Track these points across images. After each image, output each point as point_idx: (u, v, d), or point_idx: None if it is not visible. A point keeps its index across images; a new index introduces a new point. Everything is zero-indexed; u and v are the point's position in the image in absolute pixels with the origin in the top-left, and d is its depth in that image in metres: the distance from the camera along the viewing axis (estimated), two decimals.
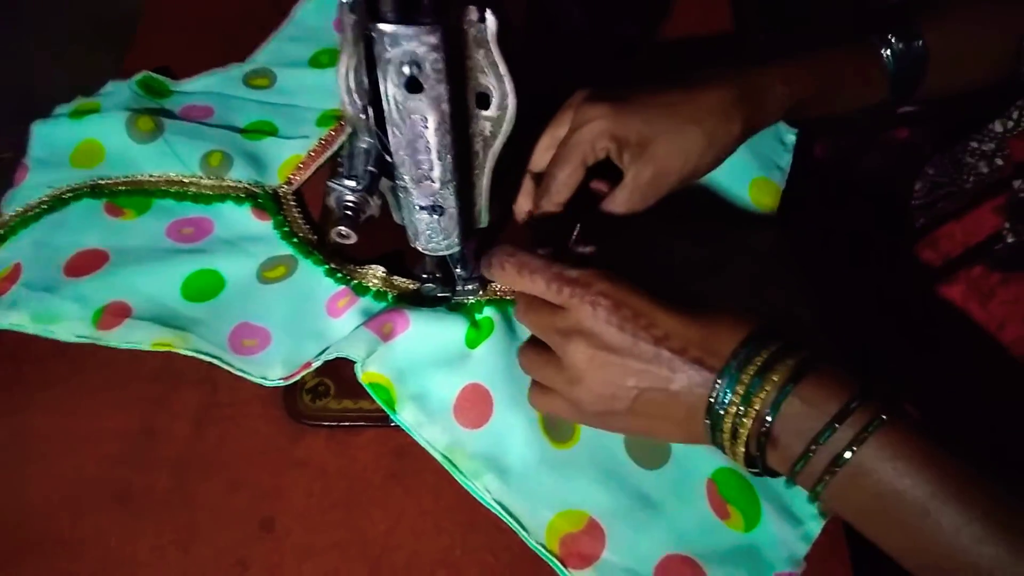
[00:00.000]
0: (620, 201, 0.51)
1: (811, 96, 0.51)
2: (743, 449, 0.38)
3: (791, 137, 0.63)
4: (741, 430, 0.38)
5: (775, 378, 0.37)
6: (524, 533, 0.45)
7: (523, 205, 0.54)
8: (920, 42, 0.52)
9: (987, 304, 0.51)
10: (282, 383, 0.50)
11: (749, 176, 0.60)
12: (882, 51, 0.52)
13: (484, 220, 0.50)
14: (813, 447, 0.36)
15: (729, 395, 0.38)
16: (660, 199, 0.52)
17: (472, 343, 0.51)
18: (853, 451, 0.35)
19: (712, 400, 0.38)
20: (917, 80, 0.53)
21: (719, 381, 0.38)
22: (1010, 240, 0.49)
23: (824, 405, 0.36)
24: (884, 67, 0.53)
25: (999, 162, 0.56)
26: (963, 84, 0.55)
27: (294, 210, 0.59)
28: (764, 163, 0.61)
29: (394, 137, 0.42)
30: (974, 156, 0.57)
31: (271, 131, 0.64)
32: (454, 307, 0.53)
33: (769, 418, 0.37)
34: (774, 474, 0.39)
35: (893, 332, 0.60)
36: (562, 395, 0.43)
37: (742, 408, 0.37)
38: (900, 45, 0.52)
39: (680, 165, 0.49)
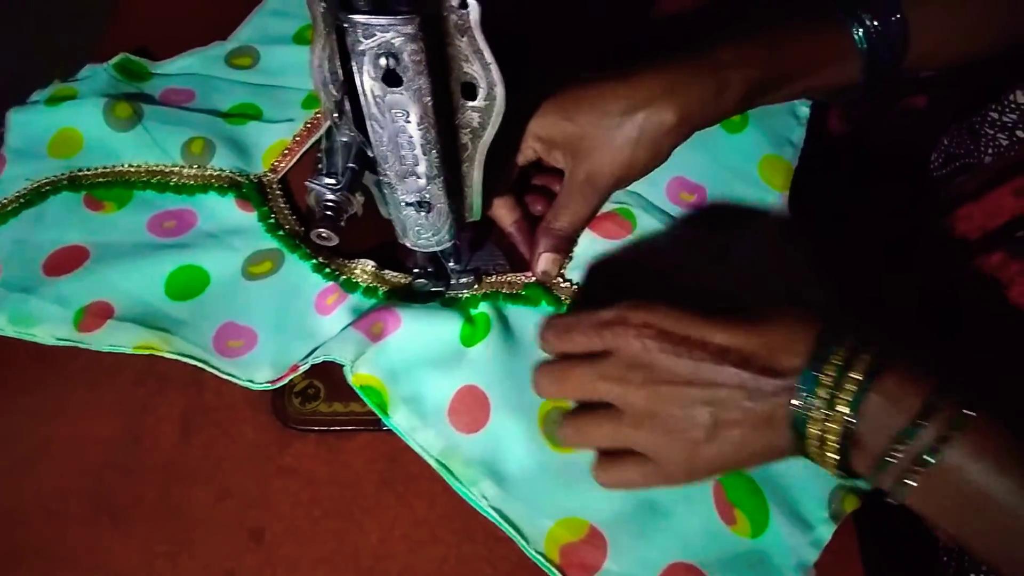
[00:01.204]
0: (562, 206, 0.50)
1: (771, 79, 0.48)
2: (834, 455, 0.36)
3: (805, 110, 0.60)
4: (829, 436, 0.36)
5: (855, 376, 0.35)
6: (523, 542, 0.44)
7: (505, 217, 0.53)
8: (898, 17, 0.48)
9: (1006, 294, 0.48)
10: (269, 386, 0.48)
11: (759, 154, 0.57)
12: (852, 29, 0.48)
13: (477, 214, 0.47)
14: (899, 447, 0.34)
15: (811, 400, 0.35)
16: (604, 200, 0.50)
17: (467, 341, 0.49)
18: (939, 450, 0.34)
19: (795, 407, 0.36)
20: (894, 59, 0.49)
21: (801, 388, 0.36)
22: None
23: (906, 401, 0.35)
24: (855, 49, 0.48)
25: (1020, 134, 0.52)
26: (947, 60, 0.51)
27: (280, 200, 0.56)
28: (775, 139, 0.58)
29: (374, 132, 0.39)
30: (993, 127, 0.54)
31: (255, 114, 0.61)
32: (448, 302, 0.51)
33: (852, 420, 0.35)
34: (856, 476, 0.37)
35: (915, 314, 0.57)
36: (635, 451, 0.40)
37: (827, 412, 0.35)
38: (874, 22, 0.48)
39: (612, 161, 0.47)
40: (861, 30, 0.48)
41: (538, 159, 0.51)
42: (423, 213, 0.44)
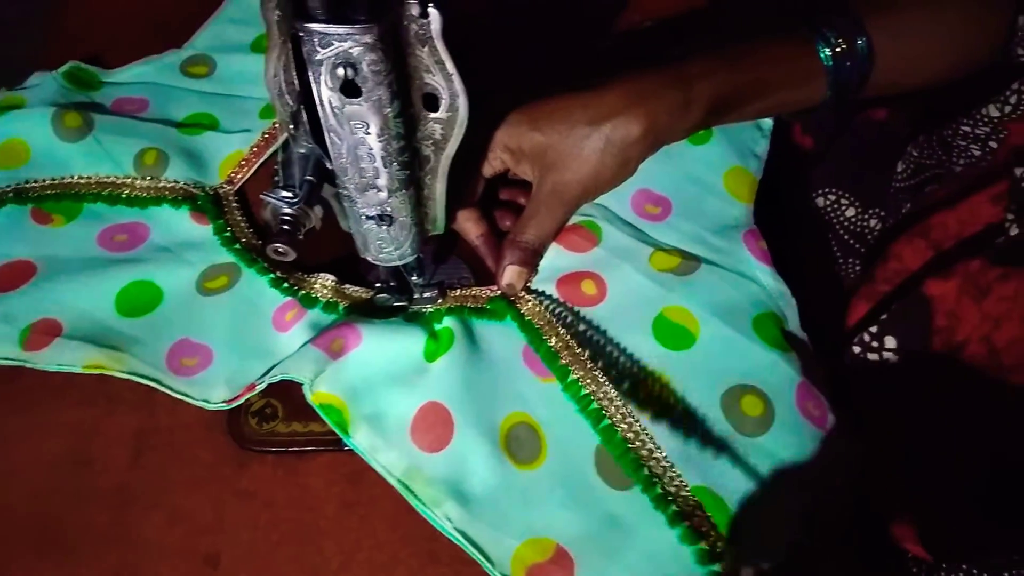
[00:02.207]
0: (527, 219, 0.49)
1: (738, 95, 0.48)
2: None
3: (768, 122, 0.59)
4: None
5: None
6: (488, 565, 0.42)
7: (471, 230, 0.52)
8: (864, 40, 0.49)
9: (982, 301, 0.48)
10: (225, 406, 0.47)
11: (724, 166, 0.57)
12: (818, 48, 0.49)
13: (440, 227, 0.46)
14: None
15: None
16: (571, 213, 0.50)
17: (431, 356, 0.48)
18: None
19: None
20: (859, 81, 0.50)
21: None
22: (1013, 232, 0.46)
23: None
24: (821, 69, 0.49)
25: (993, 145, 0.53)
26: (912, 84, 0.52)
27: (236, 213, 0.55)
28: (740, 151, 0.58)
29: (333, 144, 0.38)
30: (965, 139, 0.54)
31: (211, 124, 0.59)
32: (411, 317, 0.50)
33: None
34: None
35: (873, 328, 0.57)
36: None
37: None
38: (841, 42, 0.48)
39: (578, 172, 0.47)
40: (827, 50, 0.48)
41: (505, 170, 0.51)
42: (384, 227, 0.42)
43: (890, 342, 0.51)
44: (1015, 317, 0.47)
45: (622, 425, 0.45)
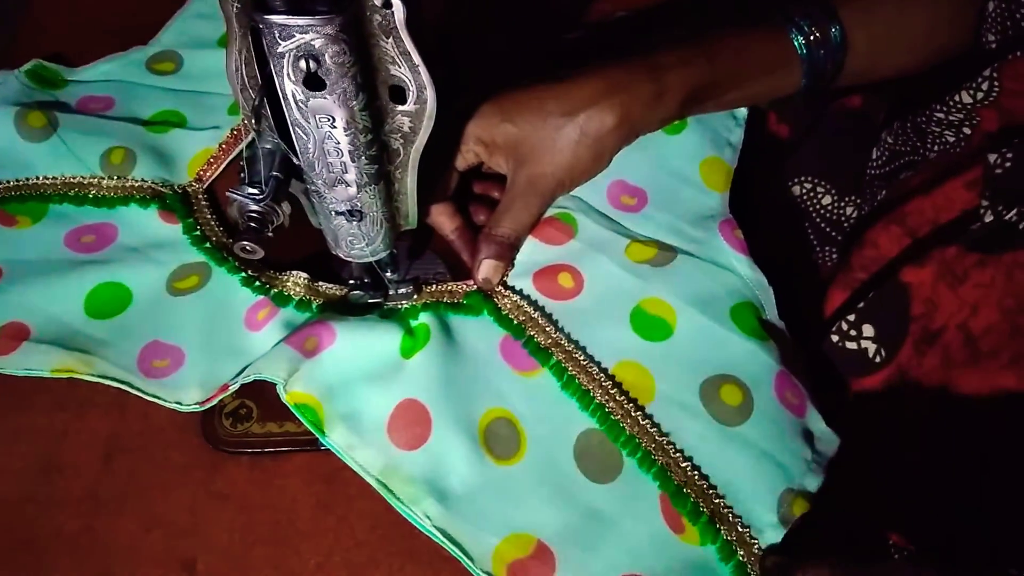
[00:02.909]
0: (503, 211, 0.49)
1: (713, 84, 0.48)
2: None
3: (743, 111, 0.59)
4: None
5: None
6: (468, 562, 0.42)
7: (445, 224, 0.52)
8: (837, 28, 0.49)
9: (958, 288, 0.48)
10: (198, 408, 0.46)
11: (699, 156, 0.56)
12: (792, 37, 0.49)
13: (413, 221, 0.46)
14: None
15: None
16: (547, 205, 0.50)
17: (407, 353, 0.47)
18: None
19: None
20: (834, 71, 0.50)
21: None
22: (988, 219, 0.46)
23: None
24: (796, 57, 0.49)
25: (967, 131, 0.53)
26: (886, 72, 0.52)
27: (206, 211, 0.54)
28: (715, 141, 0.57)
29: (299, 139, 0.37)
30: (940, 126, 0.54)
31: (178, 122, 0.58)
32: (386, 314, 0.49)
33: None
34: None
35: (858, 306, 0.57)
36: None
37: None
38: (815, 31, 0.49)
39: (553, 164, 0.47)
40: (801, 38, 0.49)
41: (479, 164, 0.50)
42: (355, 222, 0.42)
43: (868, 330, 0.51)
44: (991, 303, 0.47)
45: (611, 404, 0.45)
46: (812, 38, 0.48)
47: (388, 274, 0.48)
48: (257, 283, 0.50)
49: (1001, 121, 0.49)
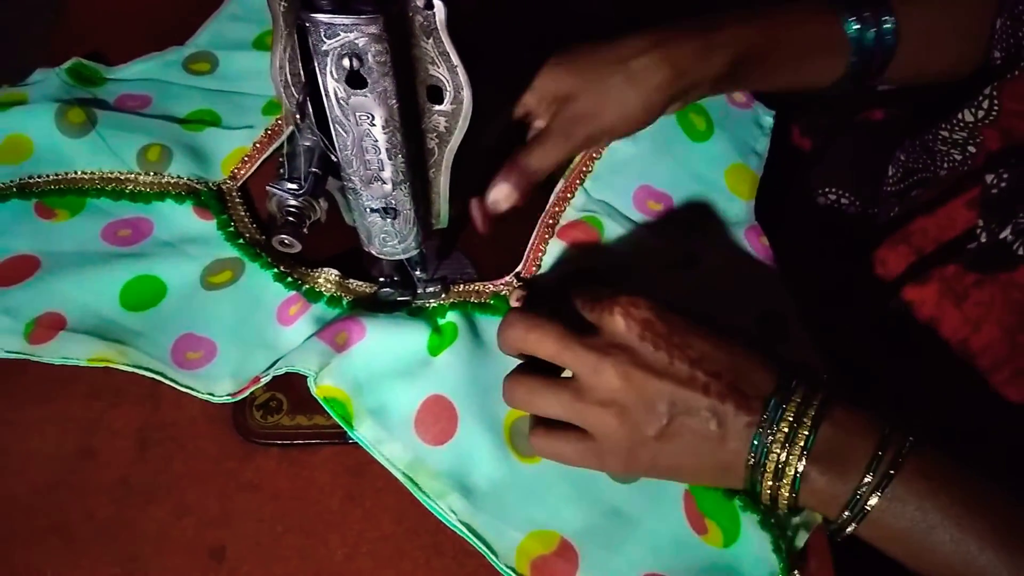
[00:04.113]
0: (537, 144, 0.48)
1: (757, 56, 0.48)
2: (788, 489, 0.37)
3: (768, 120, 0.60)
4: (788, 469, 0.36)
5: (813, 413, 0.36)
6: (493, 557, 0.43)
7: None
8: (890, 19, 0.49)
9: (961, 305, 0.49)
10: (230, 399, 0.47)
11: (725, 163, 0.57)
12: (846, 21, 0.49)
13: (444, 220, 0.47)
14: (861, 489, 0.35)
15: (772, 434, 0.36)
16: (580, 148, 0.49)
17: (434, 351, 0.48)
18: (883, 489, 0.35)
19: (757, 436, 0.37)
20: (882, 62, 0.50)
21: (765, 416, 0.37)
22: (984, 240, 0.47)
23: (858, 443, 0.36)
24: (845, 41, 0.49)
25: (972, 149, 0.53)
26: (932, 73, 0.52)
27: (240, 208, 0.55)
28: (741, 149, 0.58)
29: (338, 136, 0.38)
30: (945, 144, 0.54)
31: (213, 121, 0.59)
32: (415, 312, 0.50)
33: (804, 457, 0.36)
34: (799, 509, 0.40)
35: (864, 331, 0.57)
36: (582, 427, 0.40)
37: (787, 446, 0.36)
38: (868, 16, 0.49)
39: (597, 108, 0.47)
40: (855, 24, 0.49)
41: (525, 116, 0.50)
42: (389, 220, 0.43)
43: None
44: (992, 320, 0.48)
45: None
46: (864, 24, 0.49)
47: (417, 273, 0.49)
48: (289, 279, 0.51)
49: (1002, 141, 0.50)
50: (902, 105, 0.66)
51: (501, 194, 0.48)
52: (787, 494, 0.37)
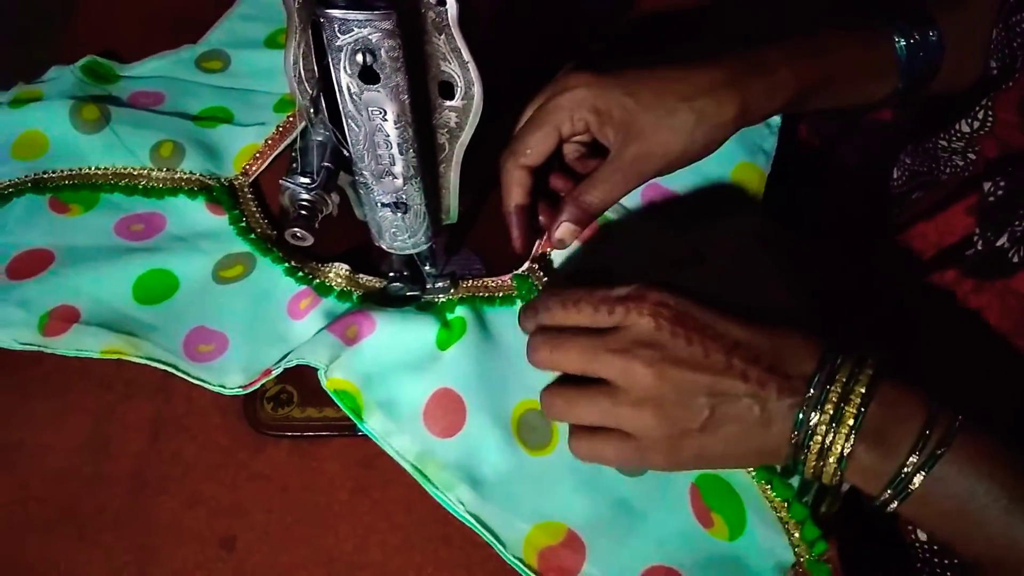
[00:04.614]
0: (600, 180, 0.47)
1: (817, 83, 0.48)
2: (835, 466, 0.37)
3: (776, 119, 0.60)
4: (834, 447, 0.36)
5: (860, 389, 0.36)
6: (500, 547, 0.43)
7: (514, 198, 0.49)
8: (935, 33, 0.49)
9: (958, 311, 0.49)
10: (241, 391, 0.47)
11: (734, 161, 0.57)
12: (895, 39, 0.49)
13: (453, 216, 0.47)
14: (907, 468, 0.35)
15: (817, 414, 0.36)
16: (642, 182, 0.48)
17: (443, 345, 0.48)
18: (937, 459, 0.35)
19: (800, 416, 0.36)
20: (930, 75, 0.50)
21: (810, 394, 0.36)
22: (980, 247, 0.47)
23: (908, 414, 0.36)
24: (896, 58, 0.49)
25: (972, 156, 0.53)
26: (970, 81, 0.52)
27: (251, 203, 0.56)
28: (749, 147, 0.58)
29: (351, 131, 0.39)
30: (946, 152, 0.55)
31: (226, 118, 0.60)
32: (424, 307, 0.51)
33: (855, 432, 0.36)
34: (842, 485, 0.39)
35: (868, 332, 0.58)
36: (621, 429, 0.39)
37: (833, 425, 0.36)
38: (915, 34, 0.49)
39: (666, 145, 0.46)
40: (903, 42, 0.49)
41: (580, 133, 0.49)
42: (399, 214, 0.43)
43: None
44: (989, 326, 0.48)
45: None
46: (912, 41, 0.49)
47: (427, 268, 0.50)
48: (300, 273, 0.51)
49: (999, 150, 0.50)
50: (909, 107, 0.66)
51: (567, 233, 0.48)
52: (832, 471, 0.37)
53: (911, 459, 0.35)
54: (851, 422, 0.36)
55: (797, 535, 0.43)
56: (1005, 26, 0.48)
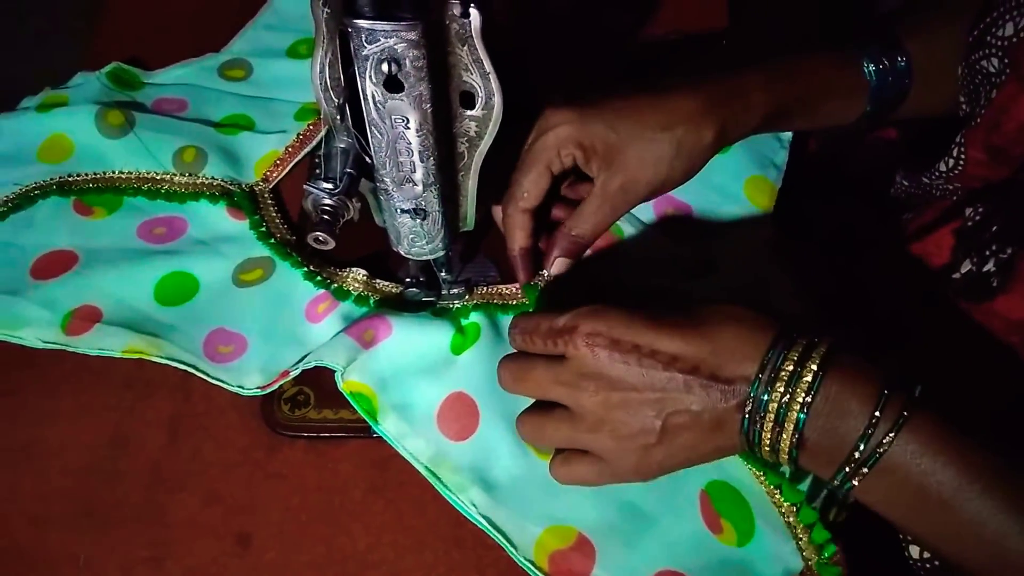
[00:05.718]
0: (588, 213, 0.49)
1: (790, 105, 0.50)
2: (786, 457, 0.38)
3: (788, 133, 0.61)
4: (782, 441, 0.37)
5: (805, 381, 0.37)
6: (512, 549, 0.44)
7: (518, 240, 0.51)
8: (904, 59, 0.51)
9: (951, 330, 0.50)
10: (259, 392, 0.48)
11: (745, 174, 0.58)
12: (863, 64, 0.51)
13: (470, 223, 0.48)
14: (854, 445, 0.36)
15: (761, 408, 0.37)
16: (629, 210, 0.50)
17: (457, 350, 0.49)
18: (888, 445, 0.35)
19: (745, 414, 0.38)
20: (898, 99, 0.52)
21: (751, 395, 0.37)
22: (965, 269, 0.48)
23: (856, 400, 0.36)
24: (865, 82, 0.51)
25: (957, 184, 0.54)
26: (945, 108, 0.53)
27: (271, 209, 0.57)
28: (760, 161, 0.59)
29: (373, 138, 0.40)
30: (930, 178, 0.56)
31: (247, 125, 0.61)
32: (439, 312, 0.51)
33: (801, 424, 0.37)
34: (804, 473, 0.41)
35: (875, 340, 0.58)
36: (588, 452, 0.41)
37: (778, 418, 0.37)
38: (883, 59, 0.51)
39: (649, 174, 0.48)
40: (872, 66, 0.51)
41: (569, 168, 0.50)
42: (418, 220, 0.44)
43: None
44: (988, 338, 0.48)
45: None
46: (882, 66, 0.50)
47: (443, 274, 0.51)
48: (318, 278, 0.52)
49: (979, 182, 0.51)
50: (914, 125, 0.67)
51: (561, 267, 0.51)
52: (787, 461, 0.38)
53: (861, 446, 0.36)
54: (795, 420, 0.37)
55: (806, 539, 0.44)
56: (966, 64, 0.50)
